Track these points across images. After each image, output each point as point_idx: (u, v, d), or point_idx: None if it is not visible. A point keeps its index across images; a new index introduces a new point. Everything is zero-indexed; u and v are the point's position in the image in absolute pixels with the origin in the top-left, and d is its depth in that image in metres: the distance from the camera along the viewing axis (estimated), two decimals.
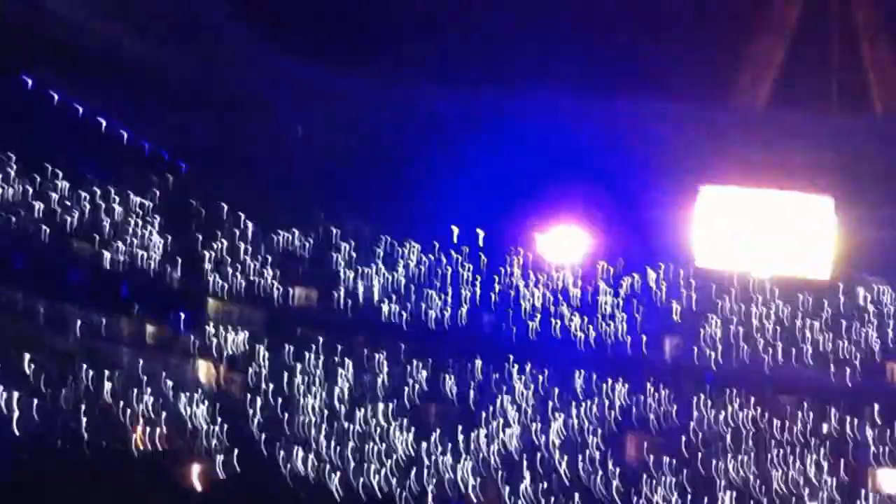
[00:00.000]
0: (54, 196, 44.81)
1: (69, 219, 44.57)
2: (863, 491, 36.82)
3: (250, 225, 50.12)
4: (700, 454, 38.56)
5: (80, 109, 46.29)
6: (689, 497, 36.50)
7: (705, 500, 36.24)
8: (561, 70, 45.34)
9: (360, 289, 48.92)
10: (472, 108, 46.99)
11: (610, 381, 43.17)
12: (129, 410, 38.92)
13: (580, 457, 39.21)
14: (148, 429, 38.32)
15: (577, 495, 36.91)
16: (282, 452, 40.20)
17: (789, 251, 44.16)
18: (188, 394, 41.72)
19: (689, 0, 44.23)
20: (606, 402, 42.34)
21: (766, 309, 43.98)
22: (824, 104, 42.91)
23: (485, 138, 45.78)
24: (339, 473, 39.34)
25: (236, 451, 39.76)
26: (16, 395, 35.02)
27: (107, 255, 44.99)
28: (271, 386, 44.02)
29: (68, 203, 44.97)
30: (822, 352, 41.94)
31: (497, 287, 48.87)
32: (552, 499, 36.81)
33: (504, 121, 45.86)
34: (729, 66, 43.94)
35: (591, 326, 45.63)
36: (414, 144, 47.52)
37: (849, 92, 43.08)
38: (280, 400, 43.20)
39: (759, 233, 44.30)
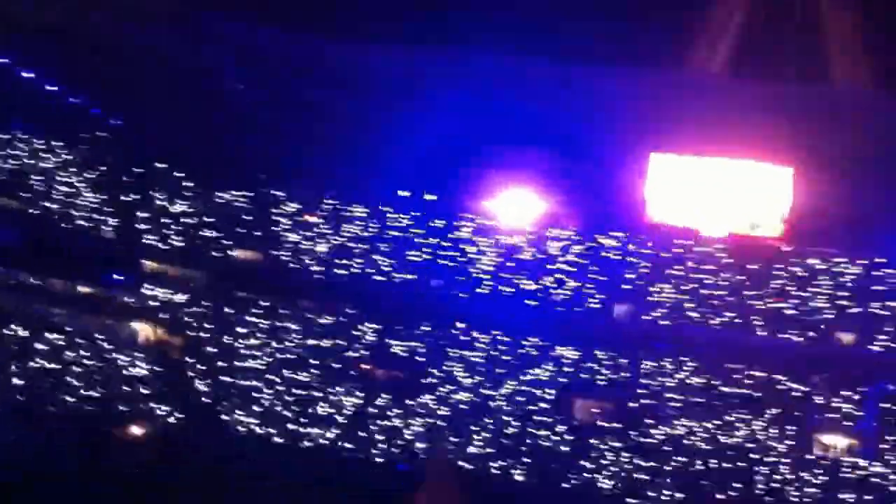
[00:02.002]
0: None
1: None
2: (810, 453, 37.22)
3: (190, 184, 49.60)
4: (650, 418, 38.63)
5: (7, 61, 45.83)
6: (639, 460, 36.83)
7: (654, 462, 36.64)
8: (514, 33, 45.18)
9: (307, 251, 48.65)
10: (422, 70, 46.74)
11: (560, 345, 43.34)
12: (67, 370, 38.73)
13: (529, 420, 39.45)
14: (88, 389, 38.19)
15: (525, 457, 37.21)
16: (225, 411, 40.18)
17: (744, 219, 44.36)
18: (128, 353, 41.44)
19: None
20: (556, 366, 42.53)
21: (719, 275, 44.21)
22: (783, 73, 43.30)
23: (436, 101, 45.39)
24: (284, 433, 39.46)
25: (179, 409, 39.66)
26: None
27: (39, 213, 44.46)
28: (214, 346, 43.81)
29: None
30: (772, 318, 42.40)
31: (447, 251, 48.64)
32: (500, 461, 37.00)
33: (457, 84, 45.56)
34: (686, 31, 44.01)
35: (541, 291, 45.66)
36: (361, 106, 47.14)
37: (808, 61, 43.48)
38: (223, 360, 43.03)
39: (713, 201, 44.29)
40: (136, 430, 37.68)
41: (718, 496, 35.25)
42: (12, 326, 39.41)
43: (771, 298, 43.80)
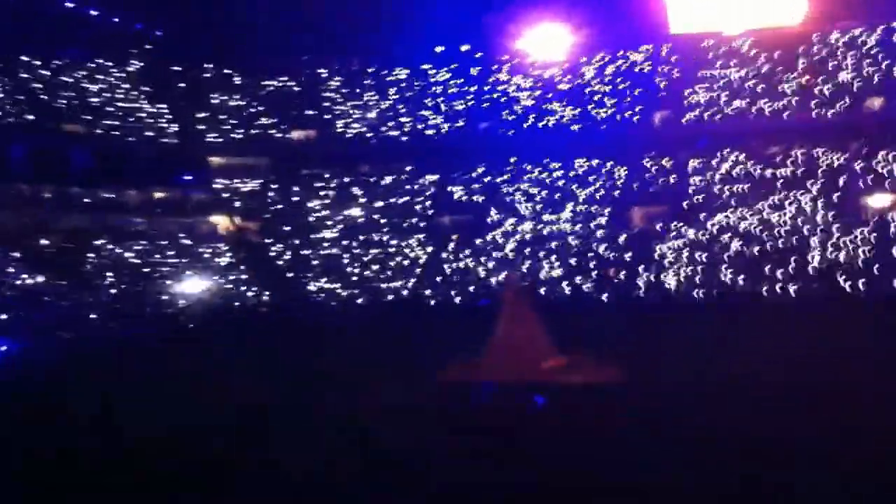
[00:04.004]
0: (39, 84, 46.34)
1: (59, 103, 45.89)
2: (857, 216, 37.16)
3: (237, 78, 51.24)
4: (703, 212, 39.58)
5: None
6: (698, 252, 37.39)
7: (713, 252, 37.21)
8: None
9: (358, 119, 50.13)
10: None
11: (608, 160, 44.49)
12: (157, 272, 40.24)
13: (592, 236, 40.66)
14: (179, 283, 39.57)
15: (593, 270, 38.30)
16: (307, 280, 41.66)
17: (761, 9, 44.72)
18: (210, 247, 43.10)
19: None
20: (608, 182, 43.70)
21: (747, 67, 44.62)
22: None
23: None
24: (366, 292, 40.71)
25: (264, 286, 41.27)
26: (40, 278, 36.42)
27: (104, 131, 46.12)
28: (287, 225, 45.61)
29: (55, 88, 46.28)
30: (805, 97, 42.83)
31: (489, 95, 49.80)
32: (571, 277, 38.15)
33: None
34: None
35: (583, 114, 46.60)
36: None
37: None
38: (299, 235, 44.85)
39: None
40: (228, 313, 39.35)
41: (778, 273, 36.14)
42: (99, 240, 41.49)
43: (800, 79, 44.47)
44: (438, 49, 50.40)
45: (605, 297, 37.37)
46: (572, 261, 39.94)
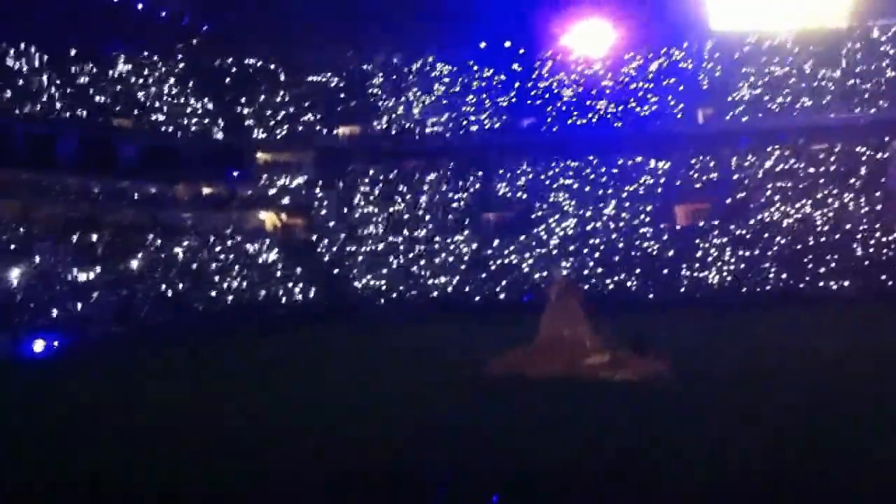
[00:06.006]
0: (87, 78, 47.18)
1: (106, 97, 46.58)
2: None
3: (282, 73, 51.68)
4: (746, 210, 40.10)
5: None
6: (742, 250, 38.07)
7: (757, 250, 37.87)
8: None
9: (403, 115, 50.45)
10: None
11: (651, 157, 44.75)
12: (203, 267, 40.64)
13: (635, 233, 40.95)
14: (226, 279, 39.95)
15: (636, 266, 38.73)
16: (352, 276, 41.96)
17: (803, 8, 44.72)
18: (256, 242, 43.51)
19: None
20: (651, 179, 43.96)
21: (788, 63, 44.60)
22: None
23: None
24: (412, 287, 41.00)
25: (311, 280, 41.64)
26: (92, 273, 37.13)
27: (152, 126, 46.74)
28: (332, 220, 45.98)
29: (102, 82, 46.95)
30: (846, 94, 42.97)
31: (532, 91, 49.97)
32: (615, 276, 38.58)
33: None
34: None
35: (626, 111, 46.74)
36: None
37: None
38: (343, 231, 45.10)
39: None
40: (274, 309, 39.82)
41: (820, 270, 36.23)
42: (148, 235, 41.37)
43: (842, 77, 44.41)
44: (482, 45, 50.67)
45: (647, 293, 37.84)
46: (615, 257, 40.33)
